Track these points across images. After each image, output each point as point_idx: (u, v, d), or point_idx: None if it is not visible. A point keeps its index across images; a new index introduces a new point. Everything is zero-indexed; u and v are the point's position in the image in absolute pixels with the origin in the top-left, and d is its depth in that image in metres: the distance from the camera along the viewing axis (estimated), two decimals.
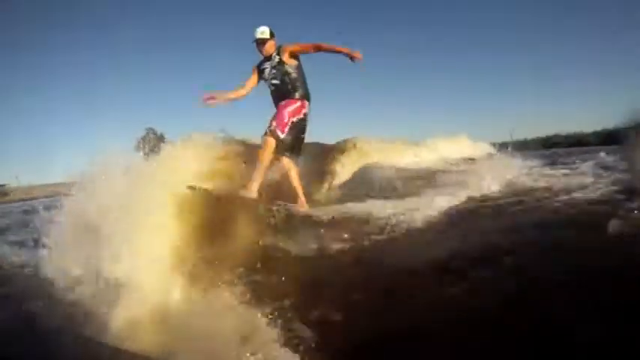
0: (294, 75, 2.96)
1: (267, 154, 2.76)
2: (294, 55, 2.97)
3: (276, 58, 2.97)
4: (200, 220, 2.30)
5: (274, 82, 2.99)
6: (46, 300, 1.92)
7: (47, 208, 2.41)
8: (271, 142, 2.76)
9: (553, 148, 15.43)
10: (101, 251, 2.00)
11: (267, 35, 2.98)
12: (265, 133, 2.80)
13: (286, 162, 2.99)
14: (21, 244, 2.64)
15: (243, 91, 3.08)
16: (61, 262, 2.09)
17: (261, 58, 3.07)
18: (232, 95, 3.05)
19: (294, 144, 2.98)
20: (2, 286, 2.15)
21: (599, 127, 18.35)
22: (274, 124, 2.82)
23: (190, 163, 2.64)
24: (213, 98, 2.96)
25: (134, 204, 2.19)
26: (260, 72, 3.07)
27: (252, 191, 2.74)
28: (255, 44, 3.01)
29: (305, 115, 2.97)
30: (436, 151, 6.40)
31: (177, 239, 2.18)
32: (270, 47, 2.99)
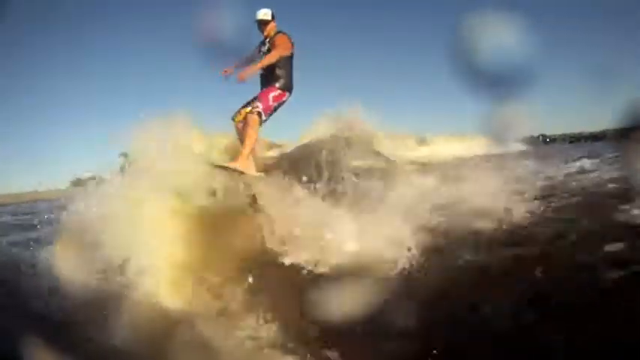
0: (279, 65, 3.02)
1: (255, 132, 2.91)
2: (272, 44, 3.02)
3: (266, 46, 3.06)
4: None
5: (263, 70, 3.06)
6: (49, 300, 1.90)
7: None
8: (256, 121, 2.90)
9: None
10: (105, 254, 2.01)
11: (268, 17, 3.06)
12: (250, 112, 2.90)
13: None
14: (29, 244, 2.63)
15: (243, 60, 3.22)
16: (65, 262, 2.09)
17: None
18: (236, 64, 3.18)
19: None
20: (5, 286, 2.13)
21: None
22: (261, 106, 2.92)
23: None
24: (226, 71, 3.12)
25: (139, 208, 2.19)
26: (258, 53, 3.16)
27: (251, 168, 2.92)
28: (257, 25, 3.08)
29: (282, 103, 3.10)
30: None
31: (180, 243, 2.16)
32: (270, 29, 3.07)
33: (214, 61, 3.18)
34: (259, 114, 2.89)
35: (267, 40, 3.07)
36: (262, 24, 3.07)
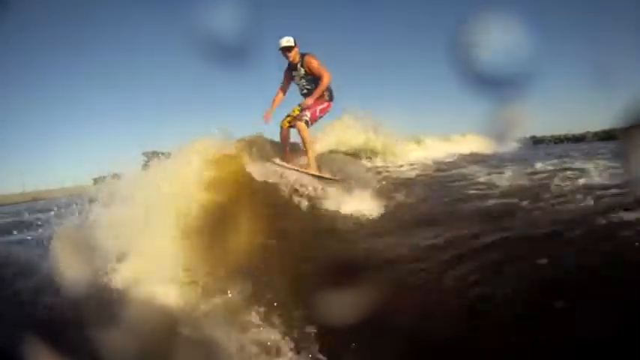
0: (319, 82, 3.33)
1: (308, 136, 3.27)
2: (311, 69, 3.31)
3: (302, 70, 3.33)
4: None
5: (308, 87, 3.39)
6: (50, 300, 1.84)
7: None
8: (304, 127, 3.24)
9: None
10: (107, 254, 1.96)
11: (292, 43, 3.27)
12: (300, 120, 3.23)
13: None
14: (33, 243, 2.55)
15: (280, 97, 3.54)
16: (68, 262, 2.02)
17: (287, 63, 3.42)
18: (275, 105, 3.53)
19: None
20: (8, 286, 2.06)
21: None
22: (308, 114, 3.26)
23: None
24: (268, 115, 3.47)
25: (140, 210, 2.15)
26: (291, 78, 3.45)
27: (314, 167, 3.27)
28: (281, 52, 3.30)
29: (327, 112, 3.48)
30: None
31: (183, 243, 2.11)
32: (295, 55, 3.29)
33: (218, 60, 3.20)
34: (307, 122, 3.23)
35: (299, 64, 3.31)
36: (287, 50, 3.27)
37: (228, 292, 1.92)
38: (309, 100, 3.25)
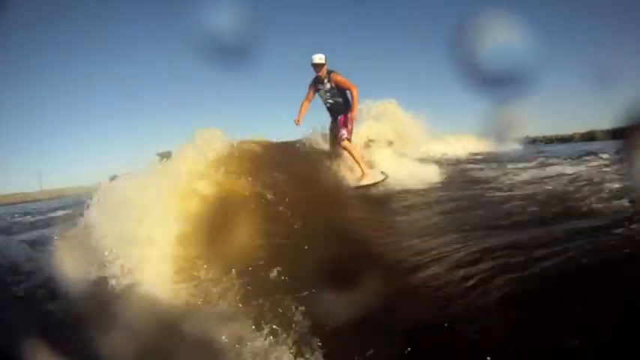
0: (344, 97, 3.73)
1: (355, 150, 3.64)
2: (338, 84, 3.67)
3: (328, 85, 3.68)
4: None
5: (330, 101, 3.75)
6: (50, 300, 1.82)
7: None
8: (349, 144, 3.63)
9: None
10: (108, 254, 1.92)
11: (323, 61, 3.63)
12: (343, 140, 3.60)
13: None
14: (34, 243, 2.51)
15: (307, 105, 3.88)
16: (68, 262, 1.98)
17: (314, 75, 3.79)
18: (303, 112, 3.87)
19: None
20: (9, 286, 2.02)
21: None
22: (345, 132, 3.62)
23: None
24: (299, 120, 3.84)
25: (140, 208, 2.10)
26: (316, 89, 3.79)
27: (373, 174, 3.60)
28: (312, 67, 3.65)
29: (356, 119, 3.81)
30: None
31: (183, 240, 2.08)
32: (324, 70, 3.64)
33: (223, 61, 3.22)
34: (348, 139, 3.62)
35: (326, 80, 3.66)
36: (318, 66, 3.62)
37: (229, 291, 1.88)
38: (354, 115, 3.56)
